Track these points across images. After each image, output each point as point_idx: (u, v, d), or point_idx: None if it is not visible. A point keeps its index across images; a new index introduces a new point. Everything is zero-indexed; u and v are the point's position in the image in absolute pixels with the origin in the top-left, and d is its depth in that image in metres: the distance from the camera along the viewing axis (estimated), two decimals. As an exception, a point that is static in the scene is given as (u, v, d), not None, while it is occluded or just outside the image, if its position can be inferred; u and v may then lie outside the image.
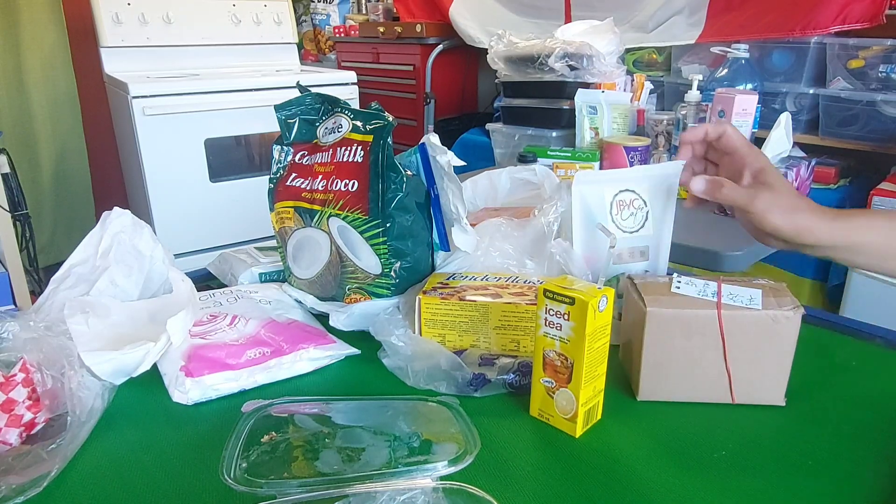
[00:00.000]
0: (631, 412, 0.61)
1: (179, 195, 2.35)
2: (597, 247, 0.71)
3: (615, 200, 0.70)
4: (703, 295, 0.59)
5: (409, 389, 0.64)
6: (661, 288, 0.61)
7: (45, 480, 0.50)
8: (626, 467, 0.53)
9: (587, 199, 0.70)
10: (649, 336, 0.59)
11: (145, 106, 2.20)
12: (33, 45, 2.66)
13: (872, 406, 0.61)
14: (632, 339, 0.63)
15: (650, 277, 0.64)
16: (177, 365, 0.63)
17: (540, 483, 0.51)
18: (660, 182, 0.70)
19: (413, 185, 0.72)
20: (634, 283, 0.63)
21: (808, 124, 1.79)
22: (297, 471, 0.50)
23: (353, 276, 0.75)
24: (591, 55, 1.59)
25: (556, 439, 0.57)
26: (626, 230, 0.71)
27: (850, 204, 1.65)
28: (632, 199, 0.70)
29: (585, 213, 0.71)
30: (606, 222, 0.70)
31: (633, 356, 0.62)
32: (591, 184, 0.70)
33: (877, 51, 1.64)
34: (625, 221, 0.71)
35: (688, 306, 0.59)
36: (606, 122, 1.56)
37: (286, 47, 2.97)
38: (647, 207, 0.71)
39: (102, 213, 0.77)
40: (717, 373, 0.60)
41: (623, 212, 0.71)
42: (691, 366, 0.60)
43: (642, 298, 0.60)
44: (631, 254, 0.72)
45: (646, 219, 0.71)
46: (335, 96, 0.79)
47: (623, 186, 0.70)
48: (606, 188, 0.70)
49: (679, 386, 0.61)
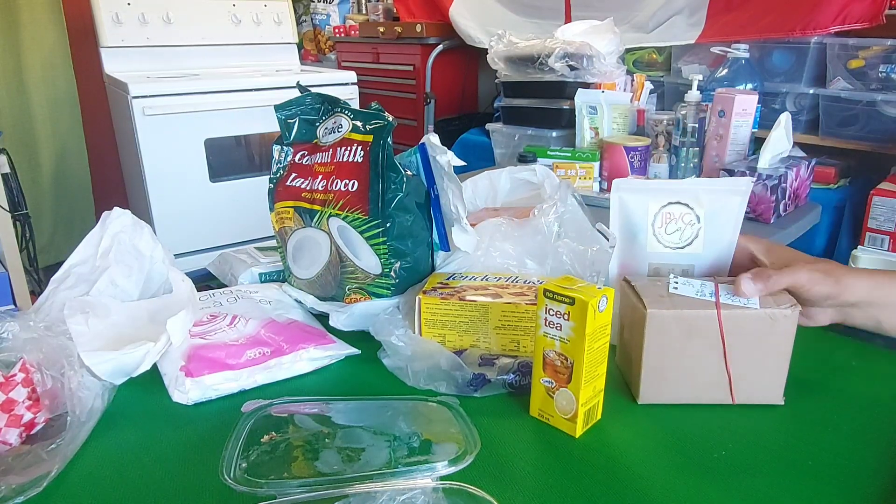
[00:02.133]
0: (631, 412, 0.60)
1: (179, 195, 2.35)
2: (634, 256, 0.68)
3: (661, 212, 0.66)
4: (700, 295, 0.59)
5: (409, 389, 0.64)
6: (658, 289, 0.60)
7: (45, 480, 0.50)
8: (626, 467, 0.53)
9: (628, 207, 0.67)
10: (650, 338, 0.58)
11: (145, 106, 2.20)
12: (33, 45, 2.66)
13: (872, 406, 0.61)
14: (629, 341, 0.62)
15: (646, 279, 0.64)
16: (177, 365, 0.63)
17: (540, 483, 0.51)
18: (723, 199, 0.65)
19: (413, 185, 0.72)
20: (631, 285, 0.62)
21: (808, 124, 1.78)
22: (297, 471, 0.50)
23: (353, 276, 0.75)
24: (591, 55, 1.59)
25: (556, 439, 0.57)
26: (667, 245, 0.67)
27: (850, 204, 1.65)
28: (682, 213, 0.66)
29: (624, 222, 0.67)
30: (646, 234, 0.67)
31: (632, 359, 0.62)
32: (634, 192, 0.67)
33: (877, 51, 1.64)
34: (669, 236, 0.67)
35: (687, 307, 0.58)
36: (606, 122, 1.56)
37: (286, 47, 2.97)
38: (700, 224, 0.66)
39: (102, 213, 0.77)
40: (717, 373, 0.60)
41: (668, 225, 0.66)
42: (691, 367, 0.60)
43: (641, 300, 0.59)
44: (671, 270, 0.67)
45: (695, 236, 0.66)
46: (335, 96, 0.79)
47: (673, 198, 0.66)
48: (652, 198, 0.66)
49: (680, 388, 0.61)
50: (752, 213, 1.27)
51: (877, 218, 1.55)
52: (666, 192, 0.66)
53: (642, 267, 0.68)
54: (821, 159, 1.63)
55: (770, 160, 1.30)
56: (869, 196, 1.56)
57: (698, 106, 1.42)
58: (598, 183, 1.51)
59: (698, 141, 1.44)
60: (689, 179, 0.66)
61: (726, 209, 0.65)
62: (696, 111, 1.42)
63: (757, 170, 1.27)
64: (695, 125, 1.43)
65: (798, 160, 1.34)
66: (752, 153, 1.41)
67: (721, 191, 0.65)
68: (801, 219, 1.34)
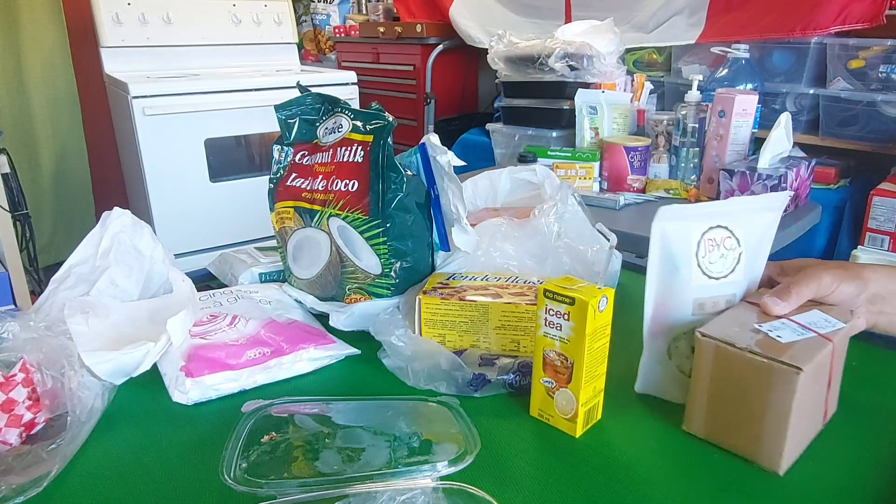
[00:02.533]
0: (631, 413, 0.60)
1: (179, 195, 2.35)
2: (672, 294, 0.58)
3: (703, 239, 0.57)
4: (801, 335, 0.53)
5: (409, 389, 0.64)
6: (771, 343, 0.52)
7: (45, 480, 0.50)
8: (626, 467, 0.53)
9: (669, 238, 0.57)
10: (799, 401, 0.49)
11: (145, 106, 2.20)
12: (33, 45, 2.67)
13: (872, 406, 0.61)
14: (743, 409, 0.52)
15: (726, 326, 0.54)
16: (177, 365, 0.63)
17: (540, 483, 0.51)
18: (758, 218, 0.59)
19: (413, 185, 0.72)
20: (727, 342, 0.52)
21: (808, 124, 1.79)
22: (297, 471, 0.50)
23: (353, 277, 0.75)
24: (591, 55, 1.59)
25: (556, 439, 0.57)
26: (712, 275, 0.58)
27: (850, 204, 1.65)
28: (723, 238, 0.58)
29: (665, 255, 0.57)
30: (689, 266, 0.57)
31: (763, 431, 0.51)
32: (677, 220, 0.57)
33: (877, 51, 1.64)
34: (712, 265, 0.58)
35: (812, 349, 0.51)
36: (606, 122, 1.56)
37: (286, 47, 2.97)
38: (741, 248, 0.59)
39: (102, 213, 0.77)
40: (819, 412, 0.55)
41: (711, 253, 0.58)
42: (813, 412, 0.54)
43: (776, 359, 0.50)
44: (715, 304, 0.58)
45: (737, 262, 0.59)
46: (335, 96, 0.78)
47: (714, 222, 0.58)
48: (694, 225, 0.57)
49: (805, 438, 0.54)
50: (752, 214, 1.27)
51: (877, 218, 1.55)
52: (707, 215, 0.58)
53: (685, 305, 0.59)
54: (821, 159, 1.63)
55: (770, 160, 1.30)
56: (869, 196, 1.56)
57: (698, 106, 1.42)
58: (598, 183, 1.51)
59: (698, 141, 1.44)
60: (727, 200, 0.60)
61: (761, 227, 0.60)
62: (696, 111, 1.42)
63: (757, 170, 1.27)
64: (695, 125, 1.43)
65: (798, 160, 1.34)
66: (752, 153, 1.41)
67: (757, 209, 0.59)
68: (801, 219, 1.34)
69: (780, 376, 0.49)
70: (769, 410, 0.51)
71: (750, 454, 0.53)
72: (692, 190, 1.43)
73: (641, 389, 0.62)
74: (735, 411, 0.53)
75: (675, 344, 0.60)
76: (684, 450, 0.55)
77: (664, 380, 0.61)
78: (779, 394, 0.50)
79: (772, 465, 0.52)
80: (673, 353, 0.60)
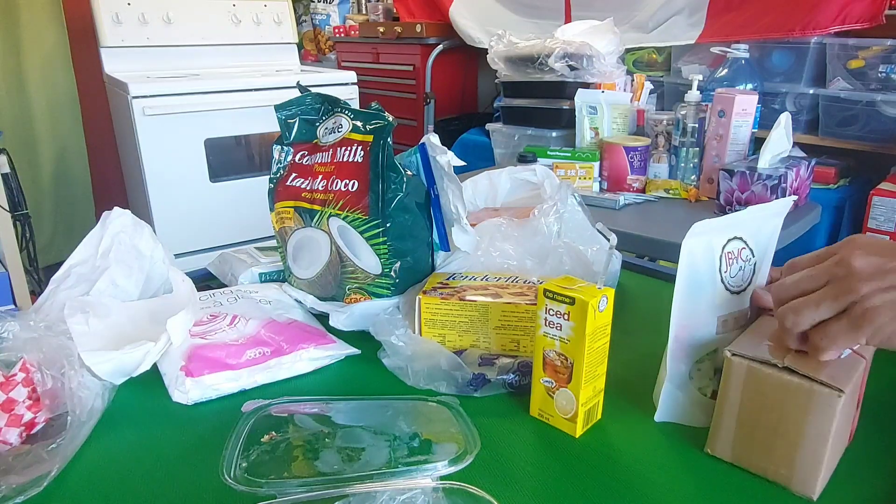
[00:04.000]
0: (631, 413, 0.61)
1: (179, 195, 2.35)
2: (697, 313, 0.55)
3: (724, 253, 0.55)
4: None
5: (409, 389, 0.64)
6: (805, 361, 0.48)
7: (45, 480, 0.50)
8: (626, 467, 0.53)
9: (696, 255, 0.54)
10: (838, 424, 0.47)
11: (145, 106, 2.20)
12: (33, 45, 2.67)
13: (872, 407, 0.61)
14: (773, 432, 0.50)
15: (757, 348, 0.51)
16: (177, 365, 0.63)
17: (540, 483, 0.51)
18: (765, 225, 0.58)
19: (413, 185, 0.72)
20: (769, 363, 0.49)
21: (808, 124, 1.79)
22: (297, 471, 0.50)
23: (353, 276, 0.75)
24: (591, 55, 1.59)
25: (556, 439, 0.57)
26: (733, 289, 0.56)
27: (850, 204, 1.65)
28: (740, 250, 0.56)
29: (692, 273, 0.54)
30: (714, 283, 0.55)
31: (798, 455, 0.48)
32: (699, 236, 0.54)
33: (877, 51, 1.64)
34: (733, 279, 0.56)
35: (848, 367, 0.48)
36: (606, 122, 1.56)
37: (286, 47, 2.97)
38: (755, 258, 0.57)
39: (102, 213, 0.77)
40: (847, 430, 0.53)
41: (732, 267, 0.56)
42: (844, 432, 0.51)
43: (816, 380, 0.46)
44: (737, 320, 0.56)
45: (753, 272, 0.57)
46: (335, 96, 0.79)
47: (731, 234, 0.56)
48: (716, 238, 0.55)
49: (834, 462, 0.51)
50: (752, 213, 1.27)
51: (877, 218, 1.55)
52: (724, 228, 0.56)
53: (709, 324, 0.56)
54: (821, 159, 1.63)
55: (770, 160, 1.30)
56: (869, 196, 1.56)
57: (698, 106, 1.42)
58: (598, 183, 1.51)
59: (698, 141, 1.44)
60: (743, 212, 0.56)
61: (768, 234, 0.58)
62: (696, 111, 1.42)
63: (757, 170, 1.27)
64: (695, 125, 1.43)
65: (798, 160, 1.34)
66: (752, 153, 1.41)
67: (764, 216, 0.58)
68: (801, 219, 1.34)
69: (820, 399, 0.46)
70: (806, 434, 0.47)
71: (782, 479, 0.50)
72: (692, 190, 1.43)
73: (662, 418, 0.59)
74: (767, 434, 0.50)
75: (697, 366, 0.57)
76: (684, 449, 0.55)
77: (685, 405, 0.58)
78: (818, 417, 0.47)
79: (806, 490, 0.49)
80: (694, 375, 0.58)
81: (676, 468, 0.53)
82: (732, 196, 1.29)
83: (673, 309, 0.54)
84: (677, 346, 0.56)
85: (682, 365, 0.57)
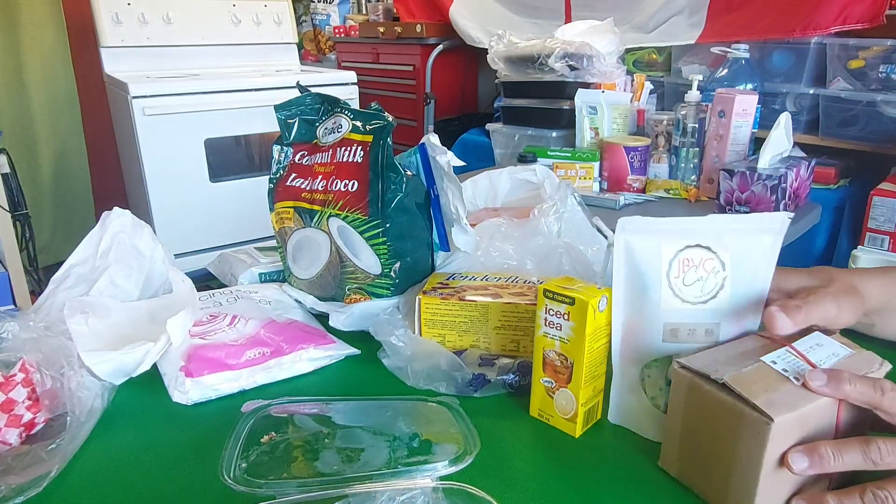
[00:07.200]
0: (631, 412, 0.60)
1: (179, 195, 2.35)
2: (644, 315, 0.53)
3: (678, 258, 0.52)
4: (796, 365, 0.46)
5: (409, 389, 0.64)
6: (754, 377, 0.45)
7: (44, 480, 0.50)
8: (625, 467, 0.53)
9: (636, 252, 0.52)
10: (772, 455, 0.42)
11: (145, 106, 2.20)
12: (33, 45, 2.67)
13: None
14: (711, 453, 0.47)
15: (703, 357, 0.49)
16: (177, 365, 0.63)
17: (540, 483, 0.51)
18: (752, 240, 0.53)
19: (413, 186, 0.72)
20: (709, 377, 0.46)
21: (808, 124, 1.79)
22: (296, 471, 0.50)
23: (352, 277, 0.75)
24: (591, 55, 1.59)
25: (556, 439, 0.57)
26: (686, 299, 0.52)
27: (850, 204, 1.65)
28: (703, 260, 0.52)
29: (631, 271, 0.53)
30: (659, 286, 0.52)
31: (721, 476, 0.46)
32: (644, 234, 0.52)
33: (877, 51, 1.64)
34: (687, 288, 0.52)
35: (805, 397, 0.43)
36: (606, 122, 1.56)
37: (286, 47, 2.97)
38: (726, 273, 0.52)
39: (102, 213, 0.77)
40: None
41: (686, 275, 0.52)
42: None
43: (748, 402, 0.43)
44: (690, 332, 0.53)
45: (720, 287, 0.52)
46: (335, 96, 0.79)
47: (693, 240, 0.52)
48: (666, 241, 0.52)
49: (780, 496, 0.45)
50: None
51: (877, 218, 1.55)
52: (683, 232, 0.52)
53: (655, 328, 0.53)
54: (821, 159, 1.63)
55: (770, 160, 1.30)
56: (869, 196, 1.56)
57: (698, 106, 1.42)
58: (598, 183, 1.51)
59: (698, 141, 1.44)
60: (711, 217, 0.53)
61: (757, 252, 0.53)
62: (696, 111, 1.42)
63: (757, 170, 1.27)
64: (695, 125, 1.43)
65: (798, 160, 1.34)
66: (752, 153, 1.41)
67: (750, 229, 0.53)
68: (801, 219, 1.34)
69: (749, 424, 0.42)
70: (738, 460, 0.44)
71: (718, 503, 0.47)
72: (692, 190, 1.44)
73: (615, 420, 0.58)
74: (706, 455, 0.47)
75: (646, 372, 0.55)
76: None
77: (638, 412, 0.56)
78: (748, 443, 0.43)
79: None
80: (646, 383, 0.55)
81: (676, 468, 0.53)
82: (732, 196, 1.30)
83: (613, 306, 0.54)
84: (625, 346, 0.55)
85: (631, 368, 0.56)
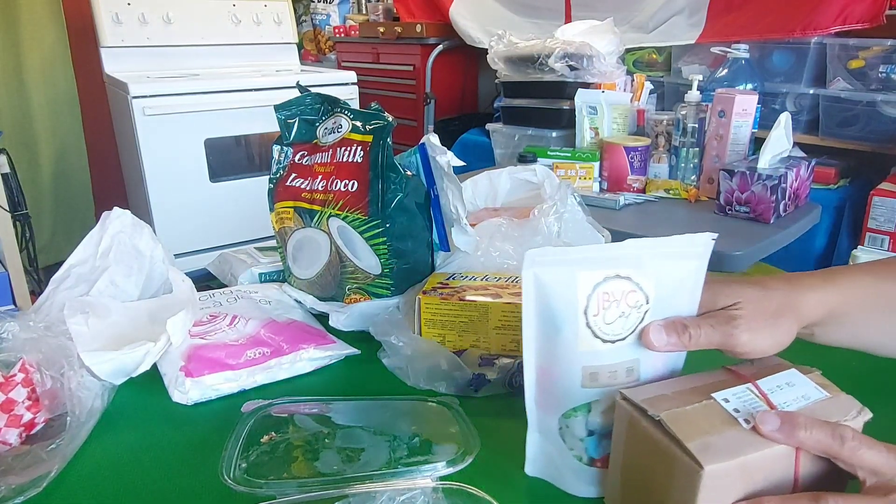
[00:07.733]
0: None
1: (179, 195, 2.35)
2: (558, 358, 0.46)
3: (596, 292, 0.44)
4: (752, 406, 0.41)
5: (409, 389, 0.64)
6: (696, 416, 0.40)
7: (44, 480, 0.50)
8: (625, 467, 0.53)
9: (547, 287, 0.44)
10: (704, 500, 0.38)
11: (145, 106, 2.20)
12: (33, 44, 2.66)
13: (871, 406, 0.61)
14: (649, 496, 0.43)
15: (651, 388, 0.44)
16: (177, 365, 0.63)
17: (540, 483, 0.51)
18: (674, 266, 0.45)
19: (413, 186, 0.72)
20: (646, 413, 0.41)
21: (808, 124, 1.79)
22: (296, 471, 0.50)
23: (352, 277, 0.75)
24: (591, 55, 1.59)
25: (556, 439, 0.57)
26: (607, 338, 0.45)
27: (850, 204, 1.65)
28: (626, 292, 0.44)
29: (543, 309, 0.45)
30: (575, 327, 0.44)
31: None
32: (555, 266, 0.44)
33: (877, 51, 1.64)
34: (609, 326, 0.44)
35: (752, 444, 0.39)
36: (606, 122, 1.56)
37: (286, 47, 2.97)
38: (649, 306, 0.45)
39: (102, 213, 0.77)
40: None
41: (607, 312, 0.44)
42: None
43: (679, 444, 0.39)
44: (611, 374, 0.45)
45: (641, 321, 0.45)
46: (335, 96, 0.79)
47: (612, 271, 0.44)
48: (581, 273, 0.44)
49: None
50: (752, 214, 1.27)
51: (877, 218, 1.55)
52: (600, 261, 0.44)
53: (573, 372, 0.45)
54: (821, 159, 1.63)
55: (770, 160, 1.30)
56: (869, 196, 1.56)
57: (698, 106, 1.42)
58: (598, 183, 1.51)
59: (698, 141, 1.44)
60: (629, 241, 0.44)
61: (679, 278, 0.46)
62: (696, 111, 1.42)
63: (757, 170, 1.27)
64: (695, 125, 1.43)
65: (798, 160, 1.34)
66: (752, 153, 1.41)
67: (673, 254, 0.45)
68: (801, 219, 1.34)
69: (681, 468, 0.38)
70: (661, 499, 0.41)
71: None
72: (692, 190, 1.44)
73: (532, 472, 0.52)
74: (645, 496, 0.43)
75: (564, 422, 0.48)
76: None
77: (559, 466, 0.50)
78: (680, 488, 0.39)
79: None
80: (565, 433, 0.48)
81: None
82: (732, 196, 1.30)
83: (524, 347, 0.47)
84: (540, 391, 0.48)
85: (547, 416, 0.49)
